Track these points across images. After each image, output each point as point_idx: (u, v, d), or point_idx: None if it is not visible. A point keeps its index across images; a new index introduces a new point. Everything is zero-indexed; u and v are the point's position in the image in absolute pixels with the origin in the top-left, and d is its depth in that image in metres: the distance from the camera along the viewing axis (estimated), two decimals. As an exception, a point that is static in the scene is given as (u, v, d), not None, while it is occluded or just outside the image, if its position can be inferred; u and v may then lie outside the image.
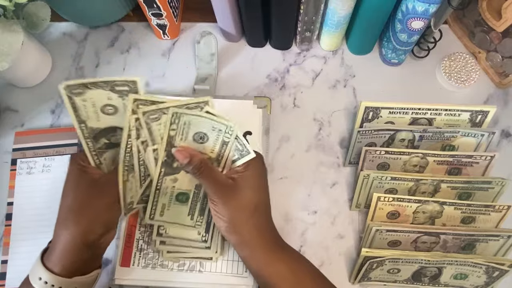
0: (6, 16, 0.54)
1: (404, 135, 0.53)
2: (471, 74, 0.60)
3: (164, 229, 0.50)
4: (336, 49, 0.64)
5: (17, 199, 0.56)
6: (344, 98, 0.62)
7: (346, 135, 0.59)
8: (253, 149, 0.45)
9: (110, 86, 0.43)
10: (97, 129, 0.45)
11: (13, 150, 0.58)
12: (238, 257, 0.49)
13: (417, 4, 0.49)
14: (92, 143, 0.45)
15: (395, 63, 0.62)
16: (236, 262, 0.52)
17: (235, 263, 0.52)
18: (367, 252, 0.47)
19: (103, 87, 0.43)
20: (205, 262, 0.52)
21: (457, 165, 0.53)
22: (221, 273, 0.51)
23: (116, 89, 0.44)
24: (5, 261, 0.53)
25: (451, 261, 0.47)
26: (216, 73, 0.62)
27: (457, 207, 0.50)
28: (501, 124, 0.60)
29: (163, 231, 0.50)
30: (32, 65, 0.60)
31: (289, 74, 0.63)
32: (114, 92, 0.44)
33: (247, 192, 0.44)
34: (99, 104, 0.44)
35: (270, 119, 0.59)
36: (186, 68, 0.64)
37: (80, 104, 0.43)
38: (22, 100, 0.63)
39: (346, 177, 0.58)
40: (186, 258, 0.51)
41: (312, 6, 0.54)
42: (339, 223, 0.56)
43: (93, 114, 0.44)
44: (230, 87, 0.62)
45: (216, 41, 0.62)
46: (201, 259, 0.51)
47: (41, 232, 0.54)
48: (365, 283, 0.52)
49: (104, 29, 0.67)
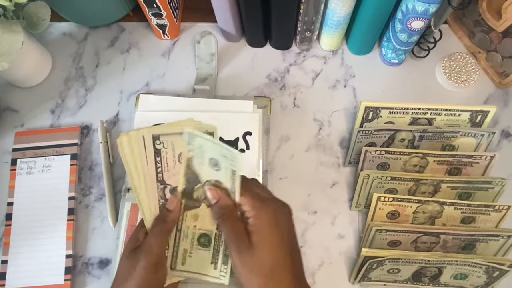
0: (6, 16, 0.54)
1: (404, 135, 0.53)
2: (471, 74, 0.60)
3: (177, 258, 0.45)
4: (336, 49, 0.64)
5: (17, 199, 0.56)
6: (344, 98, 0.62)
7: (346, 135, 0.59)
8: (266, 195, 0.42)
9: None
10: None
11: (13, 150, 0.58)
12: None
13: (417, 4, 0.49)
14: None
15: (395, 63, 0.62)
16: None
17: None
18: (367, 252, 0.47)
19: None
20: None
21: (457, 165, 0.53)
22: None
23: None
24: (5, 261, 0.53)
25: (451, 261, 0.47)
26: (216, 73, 0.62)
27: (457, 207, 0.50)
28: (501, 124, 0.60)
29: (174, 264, 0.45)
30: (32, 65, 0.60)
31: (289, 74, 0.63)
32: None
33: (260, 252, 0.38)
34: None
35: (270, 119, 0.59)
36: (186, 68, 0.64)
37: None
38: (22, 100, 0.63)
39: (346, 177, 0.58)
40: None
41: (312, 6, 0.54)
42: (339, 223, 0.56)
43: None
44: (230, 87, 0.62)
45: (216, 41, 0.62)
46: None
47: (41, 232, 0.54)
48: (365, 283, 0.52)
49: (104, 29, 0.67)
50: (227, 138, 0.56)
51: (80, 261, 0.55)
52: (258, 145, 0.56)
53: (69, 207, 0.55)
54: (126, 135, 0.41)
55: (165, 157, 0.42)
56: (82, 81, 0.64)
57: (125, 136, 0.41)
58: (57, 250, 0.53)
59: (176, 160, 0.42)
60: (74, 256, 0.54)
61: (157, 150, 0.41)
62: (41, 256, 0.53)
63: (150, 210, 0.43)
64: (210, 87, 0.61)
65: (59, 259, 0.53)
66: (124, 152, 0.41)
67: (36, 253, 0.53)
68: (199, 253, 0.44)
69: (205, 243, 0.44)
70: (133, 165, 0.41)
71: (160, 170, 0.42)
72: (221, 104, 0.58)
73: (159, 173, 0.42)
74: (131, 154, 0.41)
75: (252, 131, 0.56)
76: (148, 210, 0.42)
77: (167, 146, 0.41)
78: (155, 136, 0.41)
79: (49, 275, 0.52)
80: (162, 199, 0.43)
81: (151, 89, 0.63)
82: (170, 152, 0.42)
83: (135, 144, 0.41)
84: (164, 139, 0.41)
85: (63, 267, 0.53)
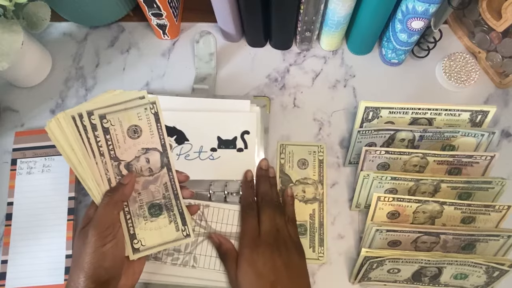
0: (6, 16, 0.54)
1: (404, 135, 0.53)
2: (471, 74, 0.60)
3: (139, 241, 0.47)
4: (336, 49, 0.64)
5: (17, 199, 0.56)
6: (344, 98, 0.62)
7: (346, 135, 0.59)
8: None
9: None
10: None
11: (13, 150, 0.58)
12: None
13: (417, 4, 0.49)
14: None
15: (395, 63, 0.62)
16: None
17: None
18: (367, 252, 0.47)
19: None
20: (198, 257, 0.52)
21: (457, 165, 0.53)
22: (214, 270, 0.51)
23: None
24: (5, 261, 0.53)
25: (451, 261, 0.47)
26: (215, 72, 0.62)
27: (457, 207, 0.50)
28: (501, 124, 0.60)
29: (138, 244, 0.47)
30: (32, 65, 0.60)
31: (289, 74, 0.63)
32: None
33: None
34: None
35: (269, 118, 0.59)
36: (186, 68, 0.64)
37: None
38: (22, 100, 0.63)
39: (346, 177, 0.58)
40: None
41: (312, 6, 0.54)
42: (339, 223, 0.56)
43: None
44: (230, 87, 0.62)
45: (215, 40, 0.62)
46: (195, 255, 0.52)
47: (41, 232, 0.54)
48: (365, 283, 0.52)
49: (104, 29, 0.67)
50: (225, 137, 0.56)
51: (80, 261, 0.55)
52: (256, 144, 0.56)
53: (69, 207, 0.55)
54: (53, 120, 0.41)
55: (114, 134, 0.43)
56: (82, 81, 0.64)
57: (52, 121, 0.41)
58: (57, 250, 0.53)
59: (126, 135, 0.44)
60: (74, 256, 0.54)
61: (105, 128, 0.42)
62: (41, 256, 0.53)
63: (97, 187, 0.44)
64: (210, 86, 0.61)
65: (59, 259, 0.53)
66: (54, 136, 0.42)
67: (36, 253, 0.53)
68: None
69: (302, 232, 0.54)
70: (68, 146, 0.42)
71: (112, 148, 0.43)
72: (219, 104, 0.58)
73: (111, 151, 0.43)
74: (63, 135, 0.42)
75: (250, 130, 0.56)
76: (95, 187, 0.43)
77: (115, 123, 0.43)
78: (90, 112, 0.42)
79: (49, 275, 0.52)
80: (118, 175, 0.45)
81: (151, 89, 0.63)
82: (119, 129, 0.43)
83: (65, 126, 0.41)
84: (110, 117, 0.42)
85: (63, 267, 0.53)
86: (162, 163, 0.47)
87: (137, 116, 0.44)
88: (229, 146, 0.56)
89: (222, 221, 0.53)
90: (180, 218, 0.49)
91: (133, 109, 0.43)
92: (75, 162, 0.42)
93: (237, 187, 0.55)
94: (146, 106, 0.44)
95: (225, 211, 0.54)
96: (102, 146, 0.43)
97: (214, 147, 0.56)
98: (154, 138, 0.45)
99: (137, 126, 0.44)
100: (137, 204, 0.47)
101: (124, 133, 0.44)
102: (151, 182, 0.47)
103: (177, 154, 0.56)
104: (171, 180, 0.48)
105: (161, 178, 0.47)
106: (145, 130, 0.44)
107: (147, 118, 0.44)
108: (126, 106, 0.43)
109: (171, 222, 0.48)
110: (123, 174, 0.45)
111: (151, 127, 0.45)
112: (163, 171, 0.47)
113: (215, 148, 0.56)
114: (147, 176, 0.47)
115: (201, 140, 0.56)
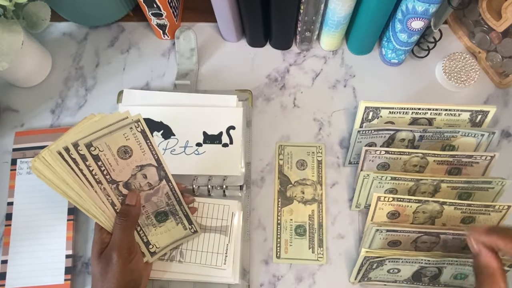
0: (6, 16, 0.54)
1: (404, 135, 0.53)
2: (471, 74, 0.60)
3: (153, 246, 0.49)
4: (336, 49, 0.64)
5: (17, 199, 0.56)
6: (344, 98, 0.62)
7: (346, 135, 0.59)
8: None
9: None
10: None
11: (13, 150, 0.58)
12: (218, 249, 0.52)
13: (417, 4, 0.49)
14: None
15: (395, 63, 0.62)
16: (216, 254, 0.52)
17: (215, 255, 0.52)
18: (367, 252, 0.47)
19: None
20: (185, 252, 0.52)
21: (457, 165, 0.53)
22: (200, 264, 0.52)
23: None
24: (5, 261, 0.53)
25: (451, 261, 0.47)
26: (197, 68, 0.62)
27: (457, 207, 0.50)
28: (501, 124, 0.60)
29: (154, 248, 0.49)
30: (32, 65, 0.60)
31: (289, 74, 0.63)
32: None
33: None
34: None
35: (251, 112, 0.60)
36: (186, 68, 0.64)
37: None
38: (22, 100, 0.63)
39: (346, 177, 0.58)
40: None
41: (312, 6, 0.54)
42: (339, 223, 0.56)
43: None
44: (230, 87, 0.62)
45: (195, 36, 0.62)
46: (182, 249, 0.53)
47: (41, 232, 0.54)
48: (365, 283, 0.52)
49: (104, 29, 0.67)
50: (211, 132, 0.56)
51: (80, 261, 0.55)
52: (241, 139, 0.56)
53: (69, 207, 0.55)
54: (36, 159, 0.39)
55: (105, 158, 0.42)
56: (82, 81, 0.64)
57: (37, 160, 0.39)
58: (57, 250, 0.53)
59: (117, 157, 0.43)
60: (74, 256, 0.54)
61: (94, 156, 0.41)
62: (41, 256, 0.53)
63: (102, 214, 0.44)
64: (191, 82, 0.61)
65: (59, 259, 0.53)
66: (44, 175, 0.40)
67: (36, 253, 0.53)
68: (296, 240, 0.54)
69: (301, 233, 0.55)
70: (61, 183, 0.40)
71: (107, 172, 0.43)
72: (205, 99, 0.58)
73: (107, 175, 0.43)
74: (53, 173, 0.40)
75: (236, 126, 0.57)
76: (100, 214, 0.43)
77: (103, 148, 0.42)
78: (75, 143, 0.40)
79: (49, 275, 0.52)
80: (119, 196, 0.45)
81: (151, 89, 0.63)
82: (109, 153, 0.42)
83: (54, 163, 0.39)
84: (97, 143, 0.41)
85: (63, 267, 0.53)
86: (159, 176, 0.47)
87: (124, 137, 0.42)
88: (214, 141, 0.56)
89: (206, 215, 0.54)
90: (186, 219, 0.50)
91: (118, 131, 0.42)
92: (73, 196, 0.41)
93: (220, 181, 0.55)
94: (131, 126, 0.42)
95: (210, 205, 0.54)
96: (97, 174, 0.42)
97: (199, 142, 0.56)
98: (146, 154, 0.44)
99: (126, 147, 0.43)
100: (144, 216, 0.48)
101: (114, 155, 0.43)
102: (152, 194, 0.47)
103: (163, 148, 0.56)
104: (172, 189, 0.48)
105: (162, 189, 0.48)
106: (135, 148, 0.44)
107: (134, 137, 0.43)
108: (110, 129, 0.41)
109: (178, 224, 0.50)
110: (124, 194, 0.45)
111: (141, 145, 0.44)
112: (163, 183, 0.47)
113: (201, 143, 0.56)
114: (147, 190, 0.47)
115: (187, 135, 0.57)
